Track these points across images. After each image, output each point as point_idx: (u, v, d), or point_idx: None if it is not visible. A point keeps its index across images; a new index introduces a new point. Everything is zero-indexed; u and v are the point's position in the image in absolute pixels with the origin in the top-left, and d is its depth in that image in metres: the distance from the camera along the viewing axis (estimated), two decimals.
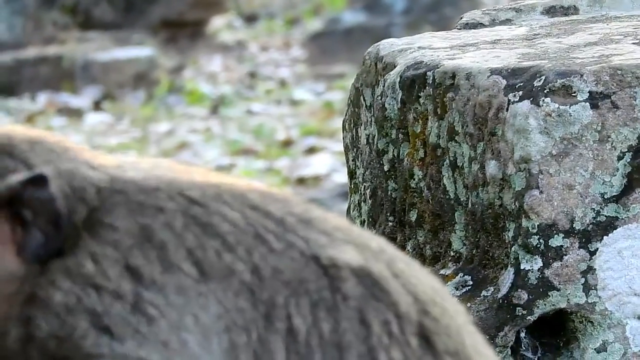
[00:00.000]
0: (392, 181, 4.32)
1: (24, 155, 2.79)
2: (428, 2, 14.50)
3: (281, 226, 2.80)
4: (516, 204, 4.18)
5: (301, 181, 9.70)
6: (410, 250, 4.31)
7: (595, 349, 4.11)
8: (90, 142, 11.42)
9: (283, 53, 15.10)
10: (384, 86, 4.32)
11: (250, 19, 16.49)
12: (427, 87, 4.34)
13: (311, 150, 10.73)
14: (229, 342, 2.74)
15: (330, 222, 2.85)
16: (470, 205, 4.30)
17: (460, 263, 4.28)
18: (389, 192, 4.34)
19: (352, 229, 2.88)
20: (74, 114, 12.91)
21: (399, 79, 4.35)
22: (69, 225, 2.71)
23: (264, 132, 11.56)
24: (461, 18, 4.96)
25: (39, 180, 2.70)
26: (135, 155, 10.48)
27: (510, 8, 5.03)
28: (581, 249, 4.08)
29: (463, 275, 4.24)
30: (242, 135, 11.62)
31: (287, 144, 11.13)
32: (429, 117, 4.36)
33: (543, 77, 4.08)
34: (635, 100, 4.03)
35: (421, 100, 4.33)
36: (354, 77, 4.48)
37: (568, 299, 4.07)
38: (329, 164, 10.37)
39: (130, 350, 2.73)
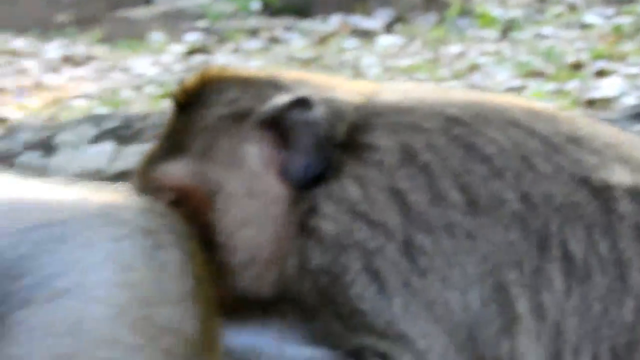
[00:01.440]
0: None
1: (288, 87, 2.84)
2: None
3: (548, 146, 2.73)
4: None
5: (591, 103, 9.39)
6: None
7: None
8: (382, 63, 11.36)
9: None
10: None
11: None
12: None
13: (601, 73, 10.45)
14: (493, 286, 2.65)
15: (600, 138, 2.80)
16: None
17: None
18: None
19: (623, 143, 2.82)
20: (366, 35, 12.75)
21: None
22: (330, 149, 2.74)
23: (554, 55, 11.29)
24: None
25: (304, 103, 2.74)
26: (425, 77, 10.77)
27: None
28: None
29: None
30: (532, 58, 11.32)
31: (577, 66, 10.80)
32: None
33: None
34: None
35: None
36: None
37: None
38: (619, 86, 10.00)
39: (395, 316, 2.62)
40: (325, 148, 2.73)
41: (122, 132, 8.05)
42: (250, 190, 2.74)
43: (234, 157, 2.75)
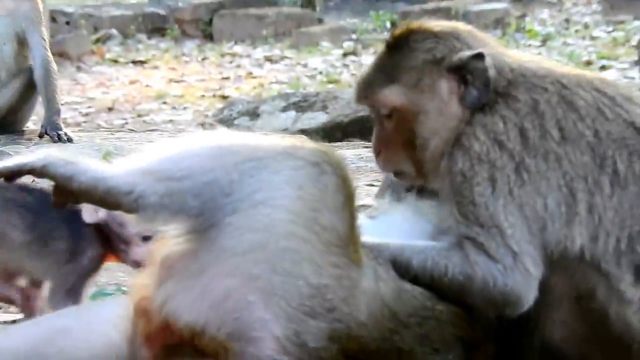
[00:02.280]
0: None
1: (466, 41, 2.67)
2: None
3: (613, 102, 2.63)
4: None
5: None
6: None
7: None
8: None
9: (587, 7, 14.83)
10: None
11: None
12: None
13: (603, 67, 10.04)
14: (567, 190, 2.55)
15: (635, 97, 2.68)
16: None
17: None
18: None
19: None
20: None
21: None
22: (492, 90, 2.62)
23: (574, 56, 10.82)
24: None
25: (479, 56, 2.61)
26: None
27: None
28: None
29: None
30: (560, 58, 10.80)
31: (588, 63, 10.29)
32: None
33: None
34: None
35: None
36: None
37: None
38: (615, 76, 9.60)
39: (497, 210, 2.53)
40: (488, 90, 2.60)
41: (301, 105, 8.07)
42: (440, 110, 2.63)
43: (432, 89, 2.63)
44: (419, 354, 2.51)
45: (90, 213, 3.20)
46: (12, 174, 2.48)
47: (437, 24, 2.71)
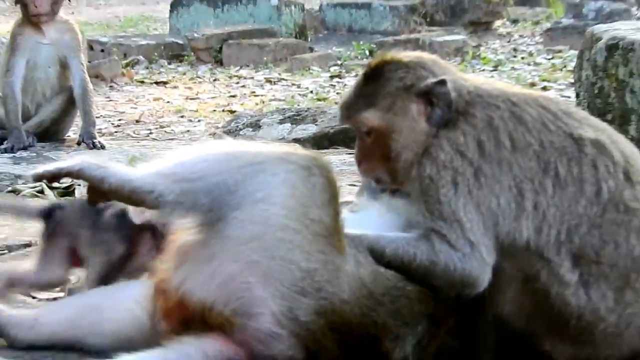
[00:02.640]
0: None
1: (431, 69, 2.65)
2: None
3: (554, 116, 2.60)
4: None
5: None
6: None
7: None
8: None
9: (531, 39, 14.77)
10: None
11: (514, 22, 16.12)
12: None
13: (544, 88, 9.94)
14: (517, 191, 2.52)
15: (579, 113, 2.65)
16: None
17: None
18: None
19: (589, 117, 2.68)
20: None
21: None
22: (454, 110, 2.60)
23: (520, 79, 10.92)
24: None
25: (442, 82, 2.60)
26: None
27: None
28: None
29: None
30: (509, 80, 10.95)
31: (532, 85, 10.18)
32: None
33: None
34: None
35: None
36: None
37: None
38: (553, 96, 9.81)
39: (458, 207, 2.51)
40: (451, 110, 2.58)
41: (295, 118, 8.03)
42: (411, 128, 2.61)
43: (404, 111, 2.61)
44: (392, 327, 2.50)
45: (137, 215, 3.16)
46: (53, 176, 2.50)
47: (406, 55, 2.70)
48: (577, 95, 4.06)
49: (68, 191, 4.86)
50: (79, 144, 6.54)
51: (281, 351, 2.36)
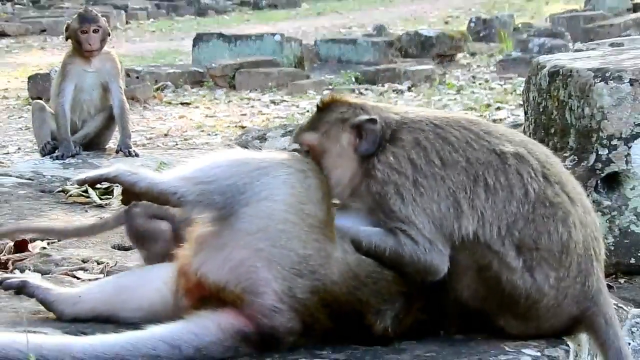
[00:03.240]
0: None
1: (368, 110, 2.63)
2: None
3: (477, 136, 2.55)
4: None
5: (494, 121, 8.49)
6: None
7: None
8: (406, 104, 11.13)
9: (487, 68, 14.78)
10: None
11: (473, 54, 16.09)
12: None
13: (498, 109, 10.01)
14: (452, 199, 2.48)
15: (498, 131, 2.61)
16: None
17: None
18: None
19: (507, 133, 2.62)
20: (400, 92, 12.20)
21: None
22: (381, 141, 2.56)
23: (478, 100, 10.93)
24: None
25: (373, 121, 2.58)
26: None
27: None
28: None
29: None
30: (469, 102, 10.91)
31: (488, 105, 10.15)
32: None
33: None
34: None
35: None
36: None
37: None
38: (505, 114, 9.57)
39: (408, 214, 2.46)
40: (378, 142, 2.54)
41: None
42: (340, 153, 2.57)
43: (337, 138, 2.58)
44: (374, 303, 2.47)
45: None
46: (93, 181, 2.52)
47: (352, 98, 2.69)
48: (526, 113, 3.99)
49: (108, 191, 4.84)
50: (117, 152, 6.56)
51: (282, 323, 2.35)
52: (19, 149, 9.18)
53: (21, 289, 2.71)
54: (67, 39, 6.55)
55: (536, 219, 2.48)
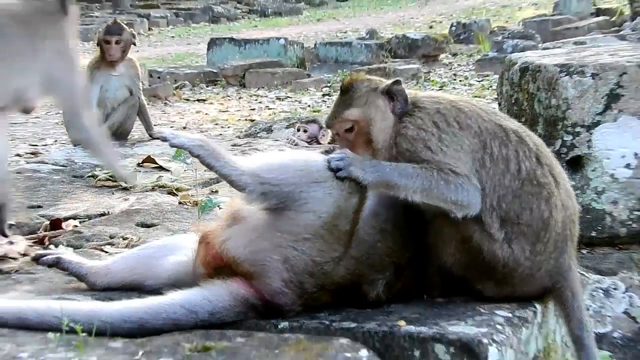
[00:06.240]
0: None
1: (382, 79, 2.63)
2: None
3: (485, 111, 2.54)
4: None
5: None
6: None
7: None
8: None
9: (467, 67, 14.68)
10: None
11: (454, 54, 16.04)
12: None
13: None
14: (473, 156, 2.45)
15: (500, 113, 2.61)
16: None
17: None
18: None
19: (508, 117, 2.64)
20: None
21: None
22: (410, 103, 2.56)
23: None
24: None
25: (398, 82, 2.58)
26: None
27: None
28: None
29: None
30: None
31: None
32: None
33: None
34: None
35: None
36: None
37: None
38: None
39: (440, 158, 2.42)
40: (407, 104, 2.51)
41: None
42: (384, 117, 2.52)
43: (375, 105, 2.52)
44: (368, 275, 2.44)
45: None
46: (175, 146, 2.35)
47: (365, 74, 2.68)
48: (499, 105, 3.97)
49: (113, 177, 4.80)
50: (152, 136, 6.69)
51: (286, 303, 2.33)
52: (56, 141, 9.17)
53: (56, 264, 2.69)
54: (97, 45, 6.75)
55: (522, 195, 2.43)
